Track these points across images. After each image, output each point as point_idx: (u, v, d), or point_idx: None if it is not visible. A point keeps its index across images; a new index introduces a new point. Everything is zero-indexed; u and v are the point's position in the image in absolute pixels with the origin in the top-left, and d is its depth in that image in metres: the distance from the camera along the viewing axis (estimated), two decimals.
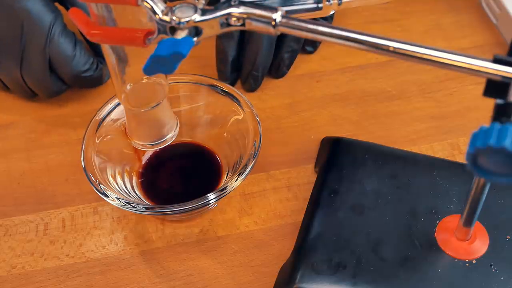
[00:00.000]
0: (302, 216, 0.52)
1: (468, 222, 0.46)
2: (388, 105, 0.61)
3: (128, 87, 0.48)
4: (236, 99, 0.54)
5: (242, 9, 0.38)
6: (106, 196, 0.49)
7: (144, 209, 0.48)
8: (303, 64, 0.65)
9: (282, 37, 0.61)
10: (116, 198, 0.49)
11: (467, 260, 0.48)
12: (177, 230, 0.54)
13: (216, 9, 0.38)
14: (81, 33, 0.43)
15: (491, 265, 0.47)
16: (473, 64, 0.35)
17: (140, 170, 0.55)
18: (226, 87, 0.55)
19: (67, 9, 0.59)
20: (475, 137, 0.33)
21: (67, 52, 0.57)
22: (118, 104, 0.54)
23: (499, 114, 0.34)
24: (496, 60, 0.35)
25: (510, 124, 0.32)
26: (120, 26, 0.41)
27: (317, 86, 0.63)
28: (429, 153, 0.57)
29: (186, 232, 0.53)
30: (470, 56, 0.35)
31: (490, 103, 0.35)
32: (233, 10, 0.38)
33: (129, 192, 0.52)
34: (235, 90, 0.54)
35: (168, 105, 0.50)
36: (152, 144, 0.51)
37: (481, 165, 0.34)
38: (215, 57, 0.62)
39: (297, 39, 0.61)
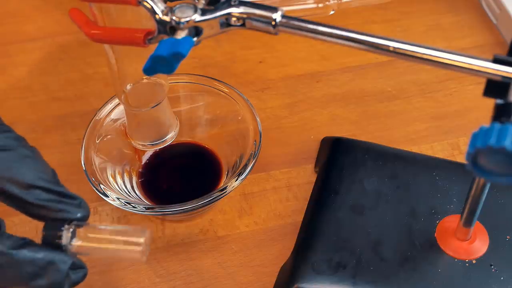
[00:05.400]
0: (302, 216, 0.52)
1: (468, 222, 0.46)
2: (388, 105, 0.61)
3: (128, 87, 0.48)
4: (236, 99, 0.54)
5: (242, 9, 0.38)
6: (106, 196, 0.49)
7: (144, 209, 0.48)
8: (303, 64, 0.65)
9: None
10: (116, 198, 0.49)
11: (467, 260, 0.48)
12: (177, 230, 0.54)
13: (216, 9, 0.38)
14: None
15: (491, 265, 0.47)
16: (473, 64, 0.35)
17: (140, 170, 0.55)
18: (226, 87, 0.55)
19: None
20: (475, 137, 0.33)
21: None
22: (118, 104, 0.54)
23: (499, 114, 0.34)
24: (496, 60, 0.35)
25: (510, 124, 0.32)
26: (120, 26, 0.41)
27: (317, 86, 0.63)
28: (429, 153, 0.57)
29: (186, 232, 0.53)
30: (470, 56, 0.35)
31: (490, 103, 0.35)
32: (233, 10, 0.38)
33: (129, 192, 0.52)
34: (235, 90, 0.54)
35: (168, 105, 0.50)
36: (152, 144, 0.51)
37: (481, 165, 0.34)
38: (215, 57, 0.62)
39: None
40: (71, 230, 0.39)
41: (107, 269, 0.51)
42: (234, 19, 0.38)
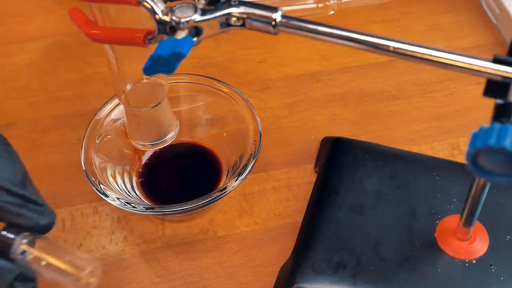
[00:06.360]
0: (302, 216, 0.52)
1: (468, 222, 0.46)
2: (388, 105, 0.61)
3: (128, 87, 0.48)
4: (236, 99, 0.54)
5: (242, 9, 0.38)
6: (106, 196, 0.49)
7: (144, 209, 0.48)
8: (303, 64, 0.65)
9: None
10: (116, 198, 0.49)
11: (467, 260, 0.48)
12: (177, 230, 0.54)
13: (216, 9, 0.38)
14: None
15: (491, 265, 0.47)
16: (473, 64, 0.35)
17: (140, 170, 0.55)
18: (226, 87, 0.55)
19: None
20: (475, 137, 0.33)
21: None
22: (118, 104, 0.54)
23: (499, 114, 0.34)
24: (496, 60, 0.35)
25: (510, 124, 0.32)
26: (120, 26, 0.41)
27: (317, 86, 0.63)
28: (429, 153, 0.57)
29: (186, 232, 0.53)
30: (470, 56, 0.35)
31: (490, 103, 0.35)
32: (233, 10, 0.38)
33: (129, 192, 0.52)
34: (235, 90, 0.54)
35: (168, 105, 0.50)
36: (152, 144, 0.51)
37: (481, 165, 0.34)
38: (215, 57, 0.62)
39: None
40: (26, 240, 0.37)
41: (107, 269, 0.51)
42: (234, 19, 0.38)
